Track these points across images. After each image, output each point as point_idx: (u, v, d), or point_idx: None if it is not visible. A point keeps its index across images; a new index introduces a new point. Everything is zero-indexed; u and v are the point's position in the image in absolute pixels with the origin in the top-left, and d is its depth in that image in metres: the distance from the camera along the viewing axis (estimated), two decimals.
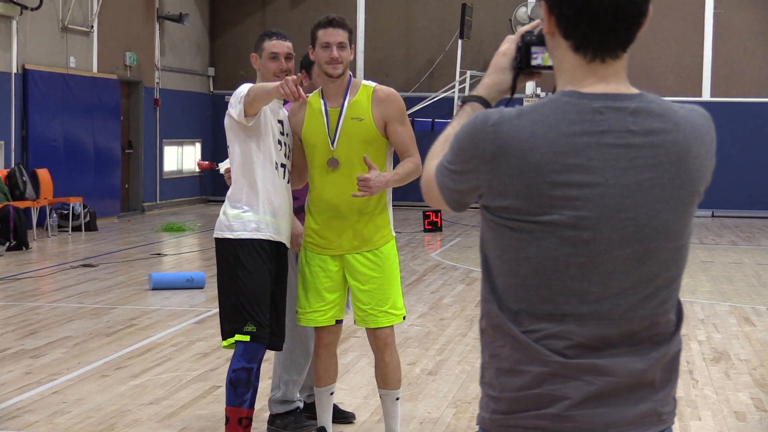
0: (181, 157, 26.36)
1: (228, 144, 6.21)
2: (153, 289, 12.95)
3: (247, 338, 6.18)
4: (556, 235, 2.52)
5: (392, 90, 6.43)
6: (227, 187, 6.34)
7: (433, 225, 20.68)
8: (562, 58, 2.61)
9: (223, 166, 21.78)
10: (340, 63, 6.21)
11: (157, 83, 24.61)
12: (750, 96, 25.76)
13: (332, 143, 6.25)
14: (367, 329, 6.48)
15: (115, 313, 11.39)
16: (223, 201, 6.39)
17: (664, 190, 2.55)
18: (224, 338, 6.28)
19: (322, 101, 6.31)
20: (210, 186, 27.18)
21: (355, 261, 6.33)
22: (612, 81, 2.58)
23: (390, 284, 6.38)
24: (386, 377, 6.51)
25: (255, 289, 6.19)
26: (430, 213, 20.62)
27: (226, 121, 6.23)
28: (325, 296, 6.39)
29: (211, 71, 27.44)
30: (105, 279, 13.92)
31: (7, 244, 16.45)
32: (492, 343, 2.63)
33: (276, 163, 6.24)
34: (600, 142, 2.52)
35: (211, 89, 27.57)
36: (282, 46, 6.35)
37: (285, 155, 6.29)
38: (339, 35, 6.26)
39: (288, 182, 6.35)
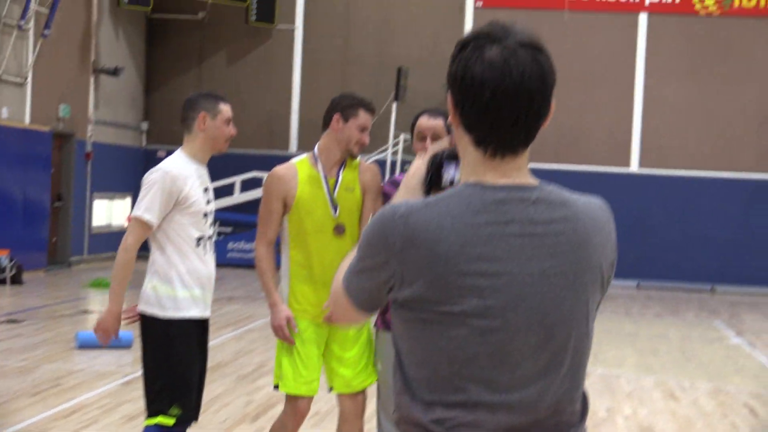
0: (111, 212, 26.20)
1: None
2: (80, 347, 12.84)
3: (171, 421, 6.11)
4: (465, 324, 2.57)
5: (374, 165, 6.53)
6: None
7: None
8: (464, 149, 2.70)
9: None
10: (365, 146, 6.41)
11: (90, 136, 24.49)
12: (677, 168, 26.15)
13: (334, 211, 6.29)
14: (342, 396, 6.47)
15: (41, 372, 11.28)
16: (149, 255, 6.32)
17: (566, 278, 2.62)
18: (148, 415, 6.19)
19: (319, 171, 6.36)
20: None
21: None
22: (513, 174, 2.66)
23: (371, 343, 6.42)
24: None
25: (184, 372, 6.14)
26: None
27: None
28: (318, 364, 6.43)
29: (145, 125, 27.38)
30: (31, 335, 13.76)
31: None
32: None
33: (203, 237, 6.21)
34: (504, 232, 2.59)
35: (144, 143, 27.49)
36: (230, 111, 6.37)
37: (210, 225, 6.27)
38: (371, 121, 6.45)
39: (213, 252, 6.34)
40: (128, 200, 26.90)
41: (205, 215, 6.20)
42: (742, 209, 25.83)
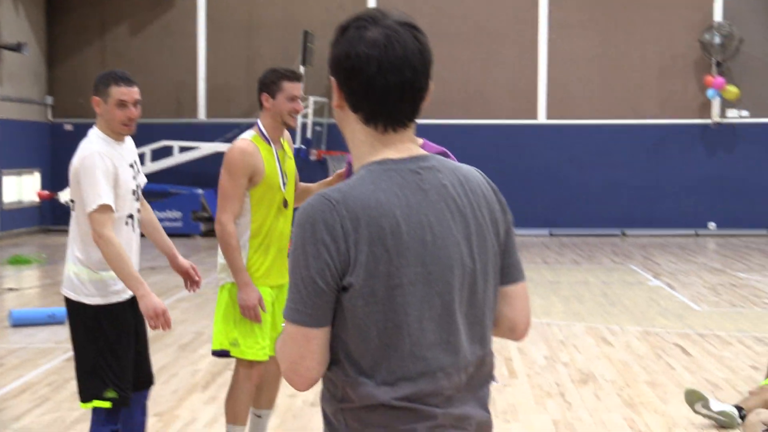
0: (21, 187, 25.95)
1: (71, 197, 6.07)
2: (14, 326, 12.81)
3: (108, 404, 6.00)
4: (414, 294, 2.69)
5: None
6: (68, 217, 6.12)
7: None
8: (353, 129, 2.83)
9: (63, 196, 21.67)
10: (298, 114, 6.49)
11: None
12: (583, 118, 26.59)
13: (283, 186, 6.48)
14: (271, 358, 6.66)
15: None
16: (63, 230, 6.27)
17: (483, 238, 2.81)
18: (82, 400, 6.07)
19: (270, 145, 6.49)
20: (50, 216, 26.76)
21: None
22: (409, 147, 2.81)
23: None
24: (275, 397, 6.88)
25: (119, 355, 6.01)
26: None
27: (73, 185, 6.01)
28: (268, 329, 6.59)
29: (50, 100, 27.09)
30: None
31: None
32: (366, 428, 2.73)
33: (131, 216, 6.11)
34: (429, 200, 2.75)
35: (50, 118, 27.21)
36: (131, 93, 6.07)
37: (136, 200, 6.14)
38: (301, 89, 6.53)
39: (138, 228, 6.22)
40: (37, 175, 26.65)
41: (134, 192, 6.07)
42: (648, 155, 26.37)
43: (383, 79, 2.74)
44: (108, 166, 5.89)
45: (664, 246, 23.36)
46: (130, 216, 6.08)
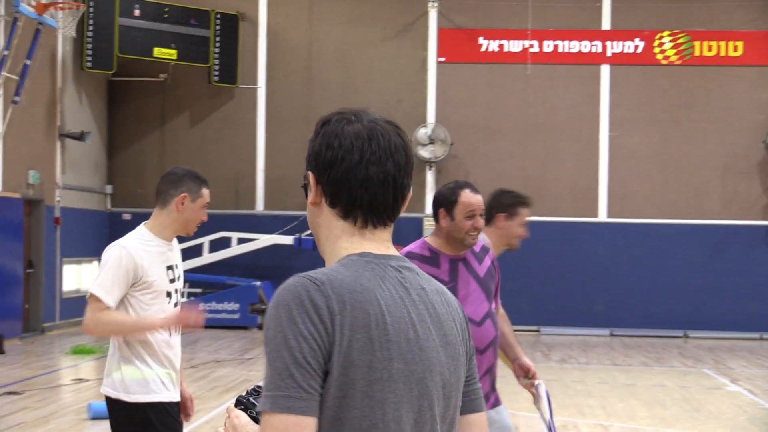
0: (80, 276, 25.90)
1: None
2: (93, 418, 12.63)
3: None
4: (393, 391, 2.51)
5: None
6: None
7: None
8: (329, 225, 2.68)
9: None
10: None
11: (58, 201, 24.24)
12: (644, 217, 26.39)
13: None
14: None
15: None
16: None
17: (457, 354, 2.66)
18: None
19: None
20: None
21: None
22: (388, 245, 2.69)
23: None
24: None
25: None
26: None
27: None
28: None
29: (109, 189, 27.13)
30: (37, 408, 13.52)
31: None
32: None
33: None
34: (410, 298, 2.60)
35: (109, 207, 27.25)
36: (209, 197, 6.14)
37: (174, 304, 5.98)
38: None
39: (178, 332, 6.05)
40: (95, 264, 26.62)
41: (169, 294, 5.91)
42: (710, 256, 26.09)
43: (365, 169, 2.65)
44: (128, 266, 5.79)
45: (732, 349, 22.99)
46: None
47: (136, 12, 25.53)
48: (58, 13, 21.55)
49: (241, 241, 25.78)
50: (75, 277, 25.57)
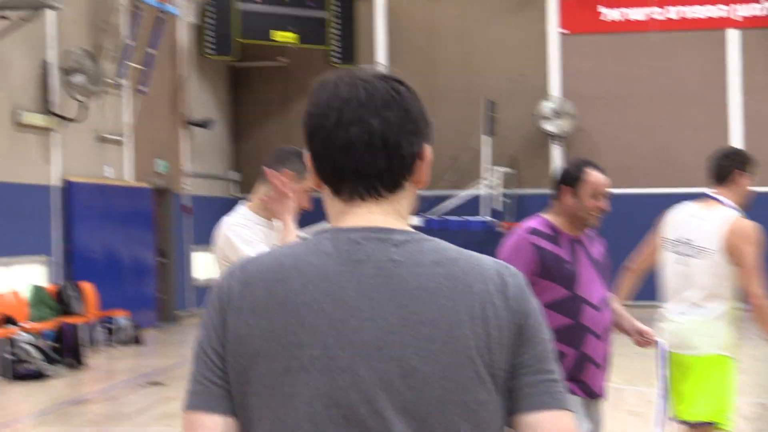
0: (209, 264, 26.01)
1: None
2: None
3: None
4: (309, 386, 2.13)
5: None
6: None
7: None
8: (329, 208, 2.31)
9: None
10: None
11: (185, 190, 24.35)
12: None
13: None
14: None
15: None
16: None
17: (438, 328, 2.15)
18: None
19: None
20: None
21: None
22: (378, 218, 2.25)
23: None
24: None
25: None
26: None
27: (223, 260, 5.48)
28: None
29: (234, 175, 27.20)
30: (182, 398, 13.46)
31: (68, 363, 15.98)
32: None
33: None
34: (357, 271, 2.17)
35: (235, 193, 27.30)
36: None
37: None
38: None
39: None
40: None
41: None
42: None
43: (344, 131, 2.25)
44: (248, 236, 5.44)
45: None
46: None
47: None
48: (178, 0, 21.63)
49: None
50: (204, 265, 25.67)
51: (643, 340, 5.98)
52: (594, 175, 5.71)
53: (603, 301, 5.70)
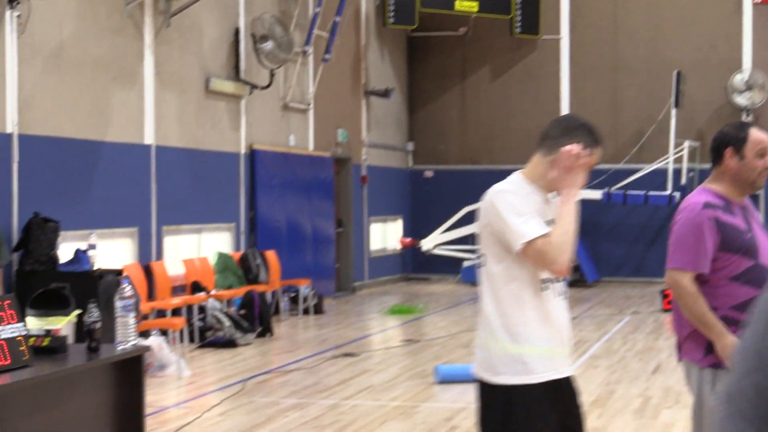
0: (386, 235, 25.75)
1: (483, 250, 4.96)
2: (440, 382, 12.16)
3: None
4: None
5: None
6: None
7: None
8: None
9: (425, 244, 21.27)
10: None
11: (365, 160, 24.08)
12: None
13: None
14: None
15: (425, 413, 10.59)
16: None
17: None
18: None
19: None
20: (411, 263, 26.40)
21: None
22: None
23: None
24: None
25: None
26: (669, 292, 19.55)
27: (486, 229, 4.92)
28: None
29: (411, 146, 26.84)
30: (379, 371, 13.15)
31: (257, 331, 15.81)
32: None
33: (547, 281, 4.95)
34: None
35: (411, 164, 26.97)
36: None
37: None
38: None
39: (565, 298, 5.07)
40: (399, 223, 26.42)
41: None
42: None
43: None
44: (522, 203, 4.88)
45: None
46: (546, 280, 4.93)
47: None
48: None
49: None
50: (380, 236, 25.42)
51: None
52: (757, 133, 5.43)
53: None
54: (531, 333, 4.83)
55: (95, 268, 13.43)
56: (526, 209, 4.83)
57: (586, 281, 24.44)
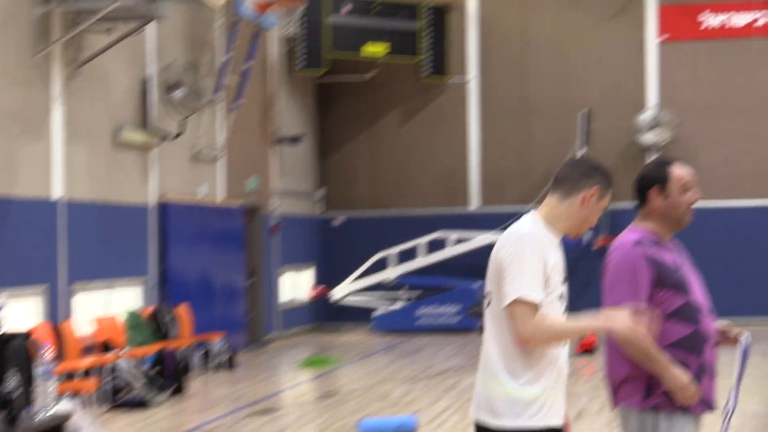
0: (297, 285, 25.33)
1: (489, 289, 4.97)
2: None
3: None
4: None
5: None
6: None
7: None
8: None
9: (335, 293, 20.98)
10: None
11: (275, 208, 23.67)
12: None
13: None
14: None
15: None
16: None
17: None
18: None
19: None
20: (323, 313, 25.93)
21: None
22: None
23: None
24: None
25: None
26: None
27: (497, 269, 4.92)
28: None
29: (322, 193, 26.50)
30: (298, 428, 12.76)
31: (170, 390, 15.29)
32: None
33: None
34: None
35: (321, 211, 26.62)
36: None
37: (564, 310, 5.06)
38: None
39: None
40: (311, 271, 26.03)
41: (561, 297, 5.01)
42: None
43: None
44: (541, 255, 4.91)
45: None
46: None
47: (345, 9, 24.88)
48: (276, 12, 21.00)
49: (457, 241, 24.92)
50: (291, 285, 24.99)
51: (727, 339, 5.62)
52: (678, 170, 5.49)
53: (709, 307, 5.49)
54: (534, 377, 4.86)
55: (3, 331, 12.85)
56: (538, 264, 4.86)
57: None
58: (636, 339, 5.10)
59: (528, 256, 4.84)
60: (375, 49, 25.20)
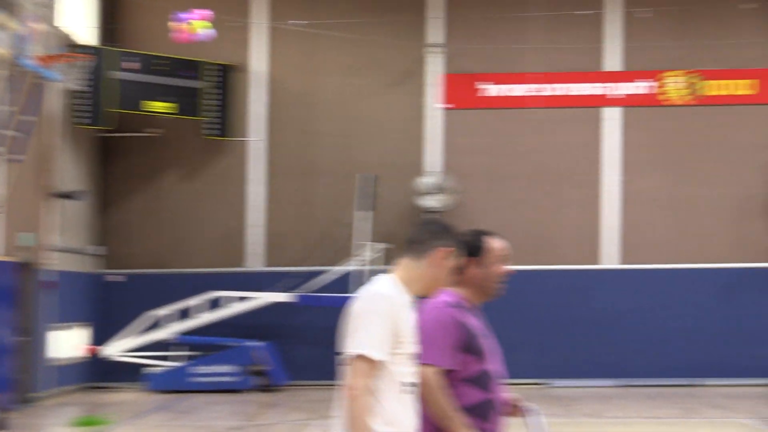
0: (71, 342, 24.72)
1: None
2: None
3: None
4: None
5: None
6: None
7: None
8: None
9: (106, 349, 20.54)
10: None
11: (51, 264, 23.09)
12: (652, 263, 25.61)
13: None
14: None
15: None
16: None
17: None
18: None
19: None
20: (95, 372, 25.25)
21: None
22: None
23: None
24: None
25: None
26: None
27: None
28: None
29: (101, 250, 25.99)
30: None
31: None
32: None
33: (406, 383, 5.13)
34: None
35: (100, 268, 26.11)
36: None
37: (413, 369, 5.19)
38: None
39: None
40: (86, 329, 25.46)
41: (410, 356, 5.15)
42: (719, 301, 25.31)
43: None
44: (392, 316, 5.02)
45: (759, 396, 22.20)
46: (408, 384, 5.09)
47: (129, 65, 24.67)
48: (60, 66, 20.64)
49: (234, 300, 24.78)
50: (64, 343, 24.35)
51: (514, 410, 5.85)
52: (495, 242, 5.69)
53: (501, 376, 5.67)
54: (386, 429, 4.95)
55: None
56: (388, 324, 4.94)
57: (276, 385, 24.23)
58: (437, 398, 5.30)
59: (377, 315, 4.94)
60: (159, 106, 25.04)
